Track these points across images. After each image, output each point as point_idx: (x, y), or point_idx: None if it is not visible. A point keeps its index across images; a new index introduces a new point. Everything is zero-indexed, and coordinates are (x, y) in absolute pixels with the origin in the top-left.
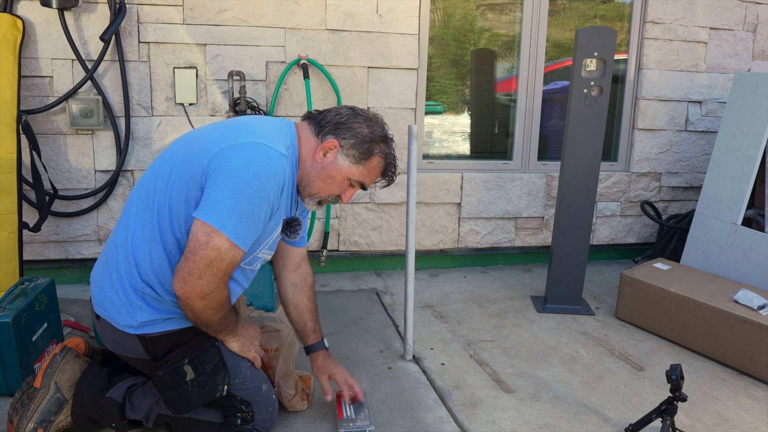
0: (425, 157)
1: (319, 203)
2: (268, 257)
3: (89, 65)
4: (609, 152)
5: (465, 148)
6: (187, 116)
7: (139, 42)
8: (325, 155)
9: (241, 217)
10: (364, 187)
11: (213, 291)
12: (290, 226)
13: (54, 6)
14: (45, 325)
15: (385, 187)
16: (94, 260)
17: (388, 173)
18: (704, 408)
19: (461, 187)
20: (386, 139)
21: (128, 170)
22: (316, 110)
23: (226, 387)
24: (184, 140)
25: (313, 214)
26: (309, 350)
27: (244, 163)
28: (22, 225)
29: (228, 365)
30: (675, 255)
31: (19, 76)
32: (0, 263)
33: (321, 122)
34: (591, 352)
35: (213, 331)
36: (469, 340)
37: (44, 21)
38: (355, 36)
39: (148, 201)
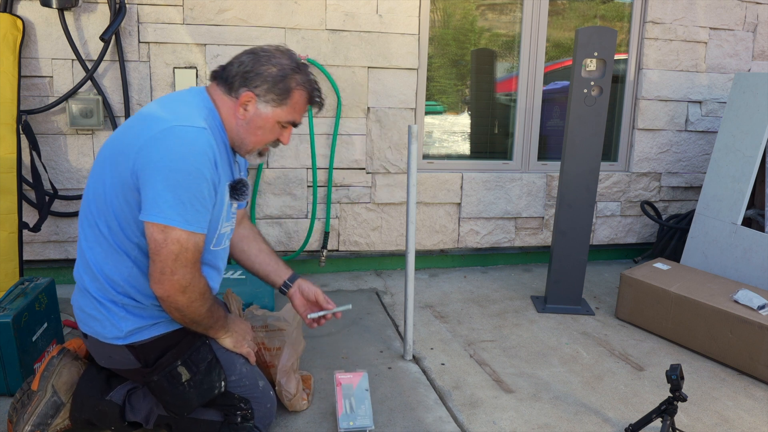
0: (425, 157)
1: (260, 154)
2: (230, 230)
3: (89, 65)
4: (609, 152)
5: (465, 148)
6: None
7: (139, 42)
8: (245, 110)
9: (184, 205)
10: (295, 125)
11: (190, 282)
12: (237, 190)
13: (54, 6)
14: (45, 325)
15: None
16: None
17: (314, 100)
18: (704, 408)
19: (461, 187)
20: (299, 69)
21: None
22: (220, 66)
23: (223, 383)
24: (104, 149)
25: (313, 212)
26: (287, 287)
27: (166, 151)
28: (22, 225)
29: (222, 362)
30: (675, 255)
31: (19, 76)
32: (0, 263)
33: (228, 78)
34: (591, 352)
35: (203, 327)
36: (469, 340)
37: (44, 21)
38: (355, 36)
39: (93, 218)
